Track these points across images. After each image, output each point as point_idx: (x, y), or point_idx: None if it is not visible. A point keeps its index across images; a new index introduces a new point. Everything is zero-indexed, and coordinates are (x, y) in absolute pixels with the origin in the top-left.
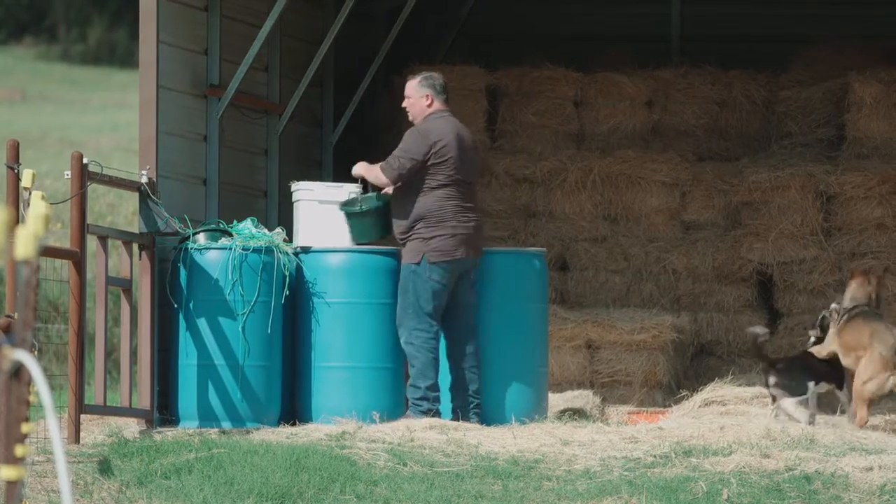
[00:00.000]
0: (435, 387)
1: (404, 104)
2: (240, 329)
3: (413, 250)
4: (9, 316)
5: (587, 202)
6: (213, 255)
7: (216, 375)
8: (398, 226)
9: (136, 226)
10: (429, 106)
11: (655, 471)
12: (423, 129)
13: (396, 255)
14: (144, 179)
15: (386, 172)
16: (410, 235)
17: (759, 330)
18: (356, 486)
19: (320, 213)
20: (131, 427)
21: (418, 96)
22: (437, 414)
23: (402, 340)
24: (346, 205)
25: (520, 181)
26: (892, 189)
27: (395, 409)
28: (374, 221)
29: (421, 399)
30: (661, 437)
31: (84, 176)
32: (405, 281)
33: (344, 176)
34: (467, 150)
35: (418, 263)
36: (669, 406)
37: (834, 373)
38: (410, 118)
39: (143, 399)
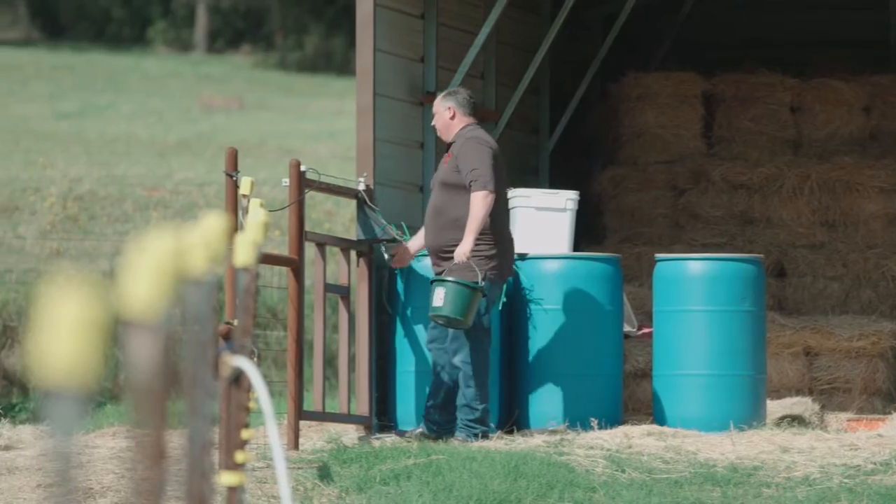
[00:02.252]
0: (488, 409)
1: (433, 122)
2: None
3: (470, 268)
4: (228, 323)
5: (805, 208)
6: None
7: None
8: (444, 238)
9: (353, 233)
10: (452, 118)
11: (875, 478)
12: (474, 137)
13: (615, 262)
14: (362, 187)
15: (482, 196)
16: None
17: None
18: (574, 492)
19: (537, 219)
20: (350, 433)
21: (442, 109)
22: (485, 436)
23: (457, 360)
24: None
25: (736, 187)
26: None
27: (614, 415)
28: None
29: (476, 422)
30: (881, 445)
31: (302, 183)
32: None
33: (561, 183)
34: (504, 164)
35: (479, 281)
36: (889, 413)
37: None
38: (438, 134)
39: (362, 405)
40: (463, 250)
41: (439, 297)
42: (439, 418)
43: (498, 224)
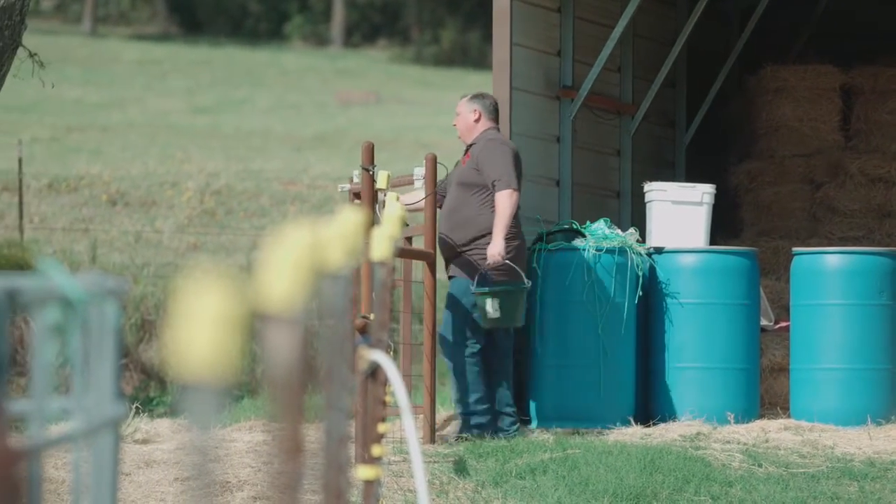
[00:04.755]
0: (483, 399)
1: (454, 122)
2: (598, 330)
3: (470, 266)
4: (364, 317)
5: None
6: (566, 256)
7: (571, 376)
8: (456, 236)
9: None
10: (476, 121)
11: None
12: (494, 139)
13: (752, 256)
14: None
15: (507, 195)
16: (470, 249)
17: None
18: (711, 486)
19: (673, 213)
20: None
21: (467, 111)
22: (486, 428)
23: (447, 355)
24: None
25: (874, 181)
26: None
27: (750, 409)
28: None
29: (471, 414)
30: None
31: (437, 177)
32: (458, 296)
33: (697, 176)
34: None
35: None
36: None
37: None
38: (459, 135)
39: None
40: (497, 250)
41: (494, 307)
42: (485, 420)
43: (515, 223)
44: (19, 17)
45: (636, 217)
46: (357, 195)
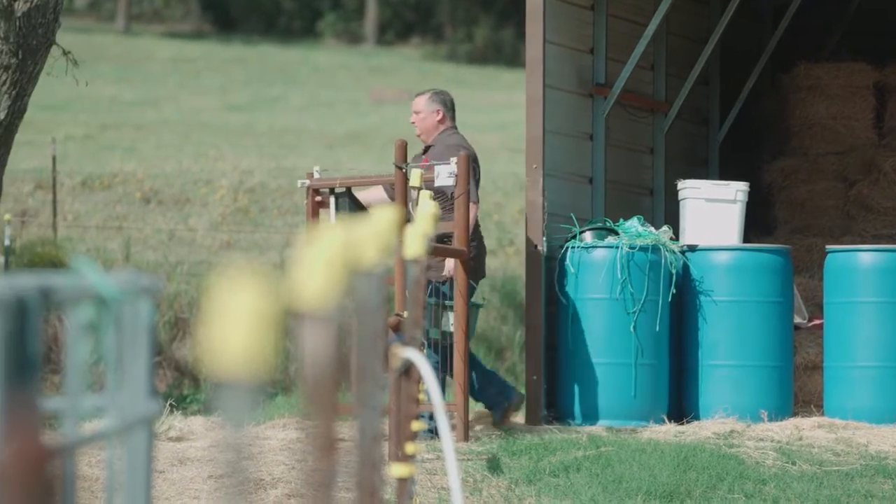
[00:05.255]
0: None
1: (413, 120)
2: (631, 328)
3: (440, 267)
4: (398, 314)
5: None
6: (599, 254)
7: (604, 373)
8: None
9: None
10: (440, 122)
11: None
12: (454, 145)
13: (785, 254)
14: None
15: (467, 206)
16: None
17: None
18: (744, 484)
19: (707, 211)
20: (520, 425)
21: (429, 111)
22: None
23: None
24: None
25: None
26: None
27: (784, 407)
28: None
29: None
30: None
31: (468, 174)
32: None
33: (730, 173)
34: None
35: (443, 283)
36: None
37: None
38: (418, 133)
39: (531, 396)
40: (454, 265)
41: (448, 322)
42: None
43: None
44: (53, 16)
45: (669, 215)
46: (317, 191)
